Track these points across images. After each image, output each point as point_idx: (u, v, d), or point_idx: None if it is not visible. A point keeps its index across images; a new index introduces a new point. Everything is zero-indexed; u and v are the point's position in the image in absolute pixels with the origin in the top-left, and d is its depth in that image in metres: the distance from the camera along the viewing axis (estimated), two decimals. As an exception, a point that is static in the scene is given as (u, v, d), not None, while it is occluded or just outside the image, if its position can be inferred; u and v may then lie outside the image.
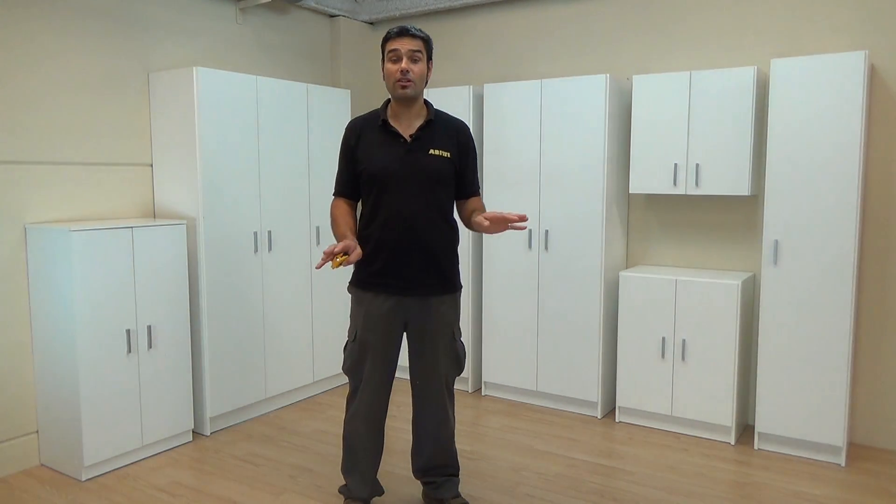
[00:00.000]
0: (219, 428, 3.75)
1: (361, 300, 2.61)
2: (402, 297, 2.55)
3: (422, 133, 2.54)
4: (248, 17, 4.31)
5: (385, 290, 2.55)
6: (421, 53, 2.50)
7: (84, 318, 3.07)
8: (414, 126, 2.55)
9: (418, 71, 2.48)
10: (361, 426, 2.69)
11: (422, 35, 2.51)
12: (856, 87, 3.09)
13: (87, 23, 3.44)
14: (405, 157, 2.51)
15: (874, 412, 3.50)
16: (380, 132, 2.56)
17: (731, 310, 3.46)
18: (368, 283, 2.58)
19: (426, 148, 2.53)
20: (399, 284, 2.54)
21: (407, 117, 2.56)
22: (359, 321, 2.62)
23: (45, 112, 3.29)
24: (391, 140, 2.54)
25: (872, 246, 3.45)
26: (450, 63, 4.76)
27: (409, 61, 2.46)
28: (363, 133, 2.58)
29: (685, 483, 3.10)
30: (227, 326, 3.73)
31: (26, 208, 3.24)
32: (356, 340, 2.62)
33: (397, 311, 2.57)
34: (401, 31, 2.48)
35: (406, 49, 2.47)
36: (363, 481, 2.75)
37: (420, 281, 2.55)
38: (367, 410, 2.67)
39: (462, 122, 2.69)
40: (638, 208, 4.11)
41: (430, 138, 2.55)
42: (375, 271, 2.55)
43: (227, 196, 3.68)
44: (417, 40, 2.48)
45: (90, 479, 3.14)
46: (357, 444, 2.72)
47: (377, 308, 2.57)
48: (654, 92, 3.68)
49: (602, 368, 3.89)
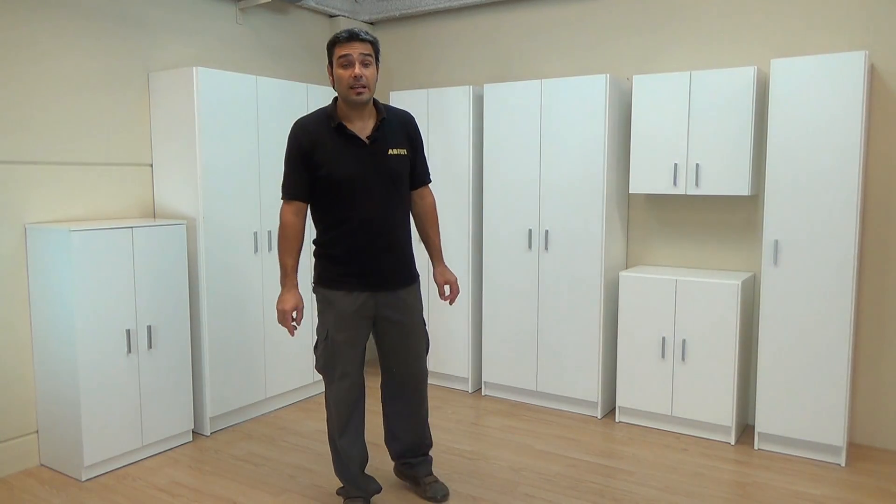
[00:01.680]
0: (219, 428, 3.75)
1: (331, 299, 2.65)
2: (374, 291, 2.64)
3: (378, 133, 2.58)
4: (248, 17, 4.31)
5: (357, 287, 2.62)
6: (371, 57, 2.53)
7: (84, 318, 3.07)
8: (368, 126, 2.59)
9: (370, 75, 2.51)
10: (342, 423, 2.71)
11: (370, 38, 2.53)
12: (856, 87, 3.09)
13: (87, 23, 3.44)
14: (367, 160, 2.55)
15: (874, 412, 3.50)
16: (336, 135, 2.56)
17: (731, 310, 3.46)
18: (340, 283, 2.63)
19: (385, 148, 2.58)
20: (371, 280, 2.63)
21: (360, 118, 2.58)
22: (329, 319, 2.65)
23: (45, 112, 3.29)
24: (350, 143, 2.55)
25: (872, 246, 3.45)
26: (450, 63, 4.76)
27: (361, 66, 2.48)
28: (317, 136, 2.56)
29: (685, 483, 3.10)
30: (227, 326, 3.73)
31: (26, 208, 3.24)
32: (328, 338, 2.66)
33: (368, 306, 2.65)
34: (350, 36, 2.49)
35: (357, 53, 2.48)
36: (357, 480, 2.78)
37: (390, 275, 2.66)
38: (344, 407, 2.70)
39: (408, 113, 2.75)
40: (638, 208, 4.11)
41: (386, 138, 2.60)
42: (347, 271, 2.61)
43: (227, 196, 3.68)
44: (367, 44, 2.51)
45: (90, 479, 3.14)
46: (342, 444, 2.73)
47: (350, 304, 2.62)
48: (654, 92, 3.68)
49: (602, 368, 3.89)
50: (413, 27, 4.92)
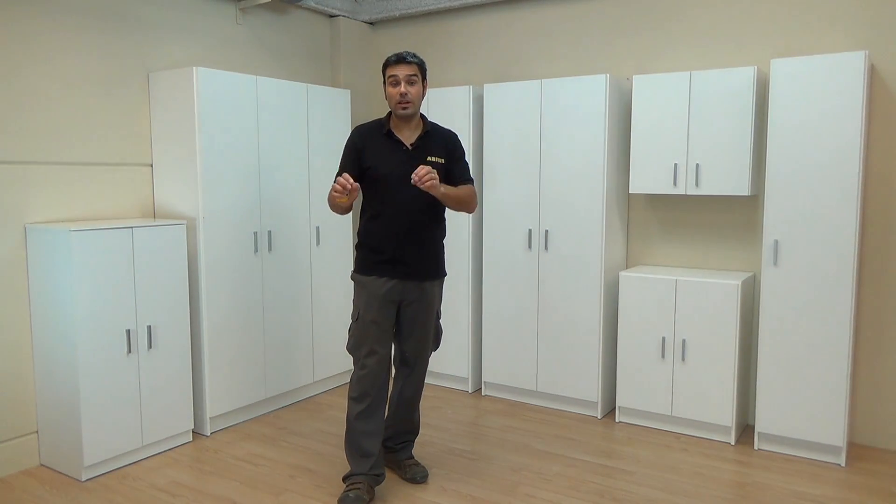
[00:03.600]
0: (219, 428, 3.75)
1: (364, 284, 2.92)
2: (403, 280, 2.90)
3: (420, 142, 2.93)
4: (248, 17, 4.31)
5: (388, 273, 2.89)
6: (417, 77, 2.87)
7: (84, 318, 3.07)
8: (414, 136, 2.95)
9: (415, 92, 2.86)
10: (363, 400, 2.90)
11: (416, 60, 2.87)
12: (856, 87, 3.09)
13: (87, 23, 3.44)
14: (408, 162, 2.85)
15: (874, 412, 3.50)
16: (385, 140, 2.92)
17: (731, 310, 3.46)
18: (372, 269, 2.91)
19: (424, 155, 2.91)
20: (401, 269, 2.89)
21: (407, 129, 2.95)
22: (361, 302, 2.92)
23: (45, 112, 3.29)
24: (395, 147, 2.91)
25: (872, 246, 3.45)
26: (450, 63, 4.76)
27: (407, 84, 2.84)
28: (369, 139, 2.94)
29: (685, 483, 3.10)
30: (227, 326, 3.73)
31: (26, 208, 3.24)
32: (359, 319, 2.91)
33: (395, 291, 2.90)
34: (398, 59, 2.85)
35: (404, 74, 2.84)
36: (366, 457, 2.89)
37: (418, 267, 2.93)
38: (368, 384, 2.90)
39: (451, 131, 3.08)
40: (638, 208, 4.11)
41: (427, 146, 2.94)
42: (381, 259, 2.89)
43: (227, 196, 3.68)
44: (413, 66, 2.86)
45: (90, 479, 3.14)
46: (359, 421, 2.89)
47: (379, 288, 2.88)
48: (654, 92, 3.68)
49: (602, 368, 3.89)
50: (413, 27, 4.92)
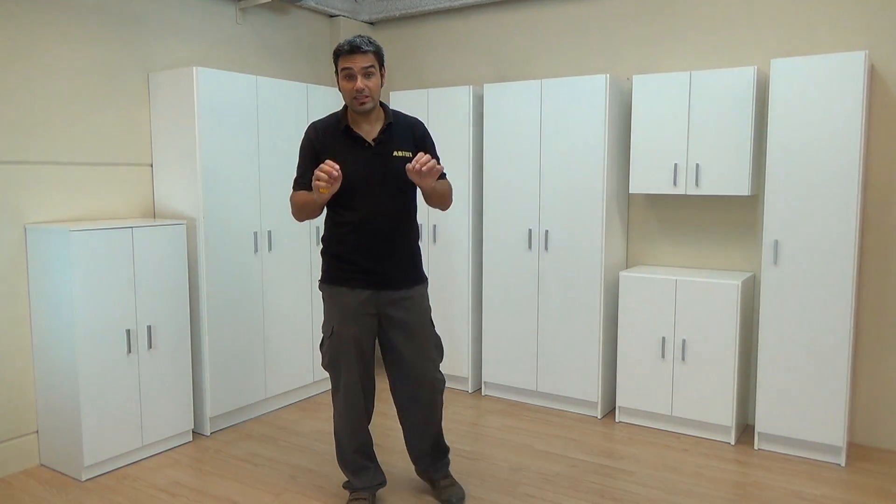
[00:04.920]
0: (219, 428, 3.75)
1: (335, 296, 2.68)
2: (377, 290, 2.65)
3: (383, 136, 2.64)
4: (248, 17, 4.31)
5: (360, 284, 2.64)
6: (374, 67, 2.57)
7: (84, 318, 3.07)
8: (375, 130, 2.65)
9: (373, 86, 2.57)
10: (346, 419, 2.75)
11: (372, 49, 2.55)
12: (856, 87, 3.09)
13: (87, 22, 3.44)
14: (371, 160, 2.61)
15: (874, 412, 3.50)
16: (343, 137, 2.63)
17: (731, 310, 3.46)
18: (342, 279, 2.66)
19: (390, 150, 2.64)
20: (373, 279, 2.64)
21: (367, 122, 2.66)
22: (334, 316, 2.69)
23: (45, 112, 3.29)
24: (355, 145, 2.63)
25: (872, 246, 3.45)
26: (450, 63, 4.76)
27: (364, 78, 2.54)
28: (326, 137, 2.65)
29: (685, 483, 3.10)
30: (227, 326, 3.73)
31: (26, 208, 3.24)
32: (332, 335, 2.69)
33: (371, 304, 2.66)
34: (352, 48, 2.53)
35: (359, 67, 2.53)
36: (360, 472, 2.82)
37: (393, 275, 2.66)
38: (350, 403, 2.73)
39: (416, 119, 2.80)
40: (638, 208, 4.11)
41: (392, 140, 2.65)
42: (350, 268, 2.65)
43: (227, 196, 3.68)
44: (369, 55, 2.54)
45: (90, 479, 3.14)
46: (345, 438, 2.78)
47: (353, 300, 2.64)
48: (654, 92, 3.68)
49: (602, 368, 3.89)
50: (413, 27, 4.92)
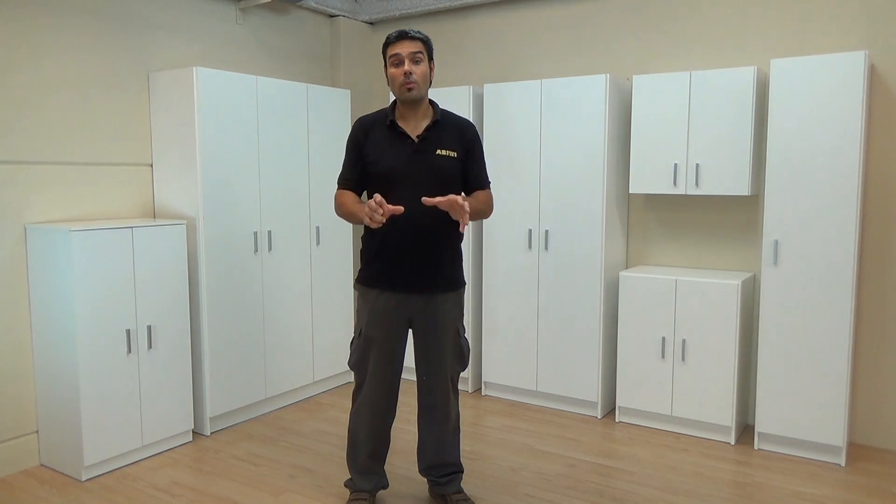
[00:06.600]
0: (219, 428, 3.75)
1: (367, 297, 2.64)
2: (408, 294, 2.58)
3: (428, 133, 2.58)
4: (248, 17, 4.31)
5: (390, 287, 2.58)
6: (422, 54, 2.54)
7: (84, 318, 3.07)
8: (421, 126, 2.59)
9: (421, 72, 2.53)
10: (365, 420, 2.74)
11: (421, 36, 2.54)
12: (856, 87, 3.09)
13: (87, 22, 3.44)
14: (413, 157, 2.55)
15: (874, 412, 3.50)
16: (388, 131, 2.59)
17: (731, 310, 3.46)
18: (374, 281, 2.62)
19: (433, 148, 2.57)
20: (404, 282, 2.57)
21: (414, 118, 2.60)
22: (364, 317, 2.65)
23: (45, 112, 3.29)
24: (399, 140, 2.57)
25: (872, 246, 3.45)
26: (450, 63, 4.76)
27: (412, 63, 2.51)
28: (371, 131, 2.61)
29: (685, 483, 3.10)
30: (227, 326, 3.73)
31: (26, 208, 3.24)
32: (361, 336, 2.66)
33: (401, 308, 2.60)
34: (400, 35, 2.52)
35: (407, 52, 2.51)
36: (367, 474, 2.80)
37: (425, 279, 2.58)
38: (371, 405, 2.71)
39: (468, 120, 2.73)
40: (638, 208, 4.11)
41: (437, 138, 2.58)
42: (381, 269, 2.59)
43: (227, 196, 3.68)
44: (417, 42, 2.52)
45: (90, 479, 3.14)
46: (360, 438, 2.76)
47: (382, 304, 2.60)
48: (654, 92, 3.68)
49: (602, 368, 3.89)
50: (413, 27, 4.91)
